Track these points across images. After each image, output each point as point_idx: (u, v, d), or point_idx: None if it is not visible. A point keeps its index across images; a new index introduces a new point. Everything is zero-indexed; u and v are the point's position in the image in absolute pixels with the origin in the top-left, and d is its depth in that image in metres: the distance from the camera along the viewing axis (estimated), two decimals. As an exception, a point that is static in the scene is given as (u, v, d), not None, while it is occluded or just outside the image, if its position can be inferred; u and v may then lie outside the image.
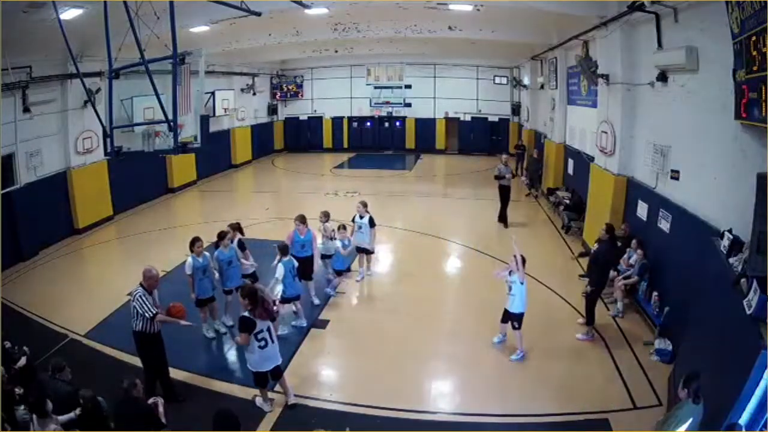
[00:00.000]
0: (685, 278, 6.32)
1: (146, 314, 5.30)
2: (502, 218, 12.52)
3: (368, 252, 8.94)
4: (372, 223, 8.69)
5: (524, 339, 6.47)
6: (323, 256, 8.46)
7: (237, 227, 7.58)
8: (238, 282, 6.97)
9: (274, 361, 5.25)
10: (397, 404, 5.60)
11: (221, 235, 7.04)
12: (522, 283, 6.27)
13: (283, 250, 6.99)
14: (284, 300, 6.98)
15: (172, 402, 5.28)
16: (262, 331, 4.94)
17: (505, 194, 12.51)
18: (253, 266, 7.52)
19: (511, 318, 6.39)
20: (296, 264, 7.08)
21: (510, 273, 6.33)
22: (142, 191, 14.78)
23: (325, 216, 8.61)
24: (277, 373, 5.41)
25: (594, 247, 7.01)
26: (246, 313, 4.92)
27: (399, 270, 9.85)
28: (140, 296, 5.33)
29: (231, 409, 4.02)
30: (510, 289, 6.33)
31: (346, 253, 8.50)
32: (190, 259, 6.67)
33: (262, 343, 4.96)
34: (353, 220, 8.84)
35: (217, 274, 6.95)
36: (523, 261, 6.30)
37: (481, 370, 6.32)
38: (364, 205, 8.82)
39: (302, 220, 7.90)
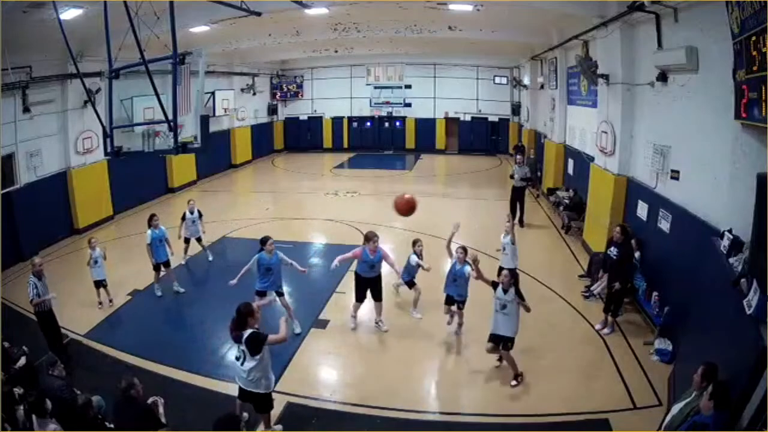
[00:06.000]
0: (685, 278, 6.31)
1: (30, 297, 6.37)
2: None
3: (200, 240, 10.04)
4: (200, 215, 9.92)
5: (525, 337, 6.46)
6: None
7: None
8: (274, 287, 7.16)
9: (246, 385, 4.83)
10: (397, 404, 5.60)
11: (263, 241, 7.03)
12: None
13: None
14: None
15: (64, 362, 5.61)
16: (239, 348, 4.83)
17: (514, 196, 12.35)
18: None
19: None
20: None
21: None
22: (142, 191, 14.77)
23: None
24: (255, 406, 4.98)
25: (612, 251, 6.96)
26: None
27: (399, 270, 9.84)
28: (31, 283, 6.37)
29: (234, 414, 3.99)
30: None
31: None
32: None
33: (237, 356, 4.85)
34: (183, 217, 9.79)
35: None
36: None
37: (481, 370, 6.31)
38: (188, 201, 10.08)
39: (376, 238, 7.08)
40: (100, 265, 8.02)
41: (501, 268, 7.48)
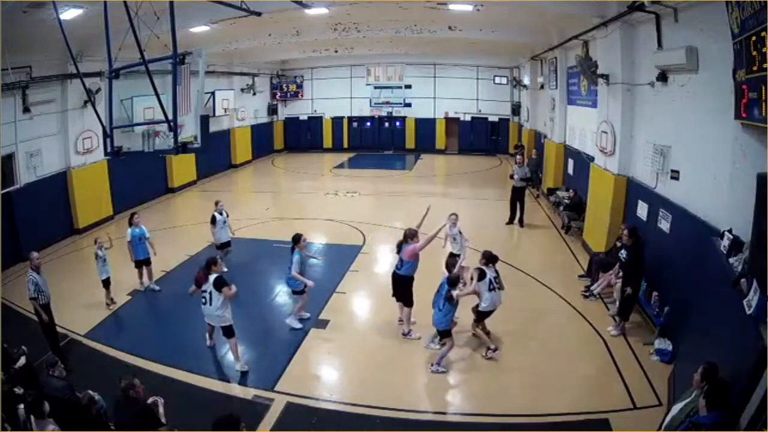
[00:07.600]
0: (685, 278, 6.31)
1: (29, 294, 6.43)
2: (512, 221, 12.44)
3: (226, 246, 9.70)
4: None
5: (525, 336, 6.46)
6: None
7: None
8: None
9: (213, 321, 6.30)
10: (397, 404, 5.59)
11: (296, 238, 7.21)
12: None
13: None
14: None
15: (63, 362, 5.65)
16: (205, 291, 6.07)
17: (514, 196, 12.34)
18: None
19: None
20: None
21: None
22: (142, 191, 14.77)
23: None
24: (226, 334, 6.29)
25: (622, 253, 6.94)
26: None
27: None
28: (30, 279, 6.45)
29: (233, 413, 3.98)
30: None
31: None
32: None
33: (203, 300, 6.11)
34: (213, 221, 9.37)
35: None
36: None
37: (481, 370, 6.31)
38: (216, 202, 9.74)
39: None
40: (107, 263, 8.07)
41: (452, 254, 8.19)
